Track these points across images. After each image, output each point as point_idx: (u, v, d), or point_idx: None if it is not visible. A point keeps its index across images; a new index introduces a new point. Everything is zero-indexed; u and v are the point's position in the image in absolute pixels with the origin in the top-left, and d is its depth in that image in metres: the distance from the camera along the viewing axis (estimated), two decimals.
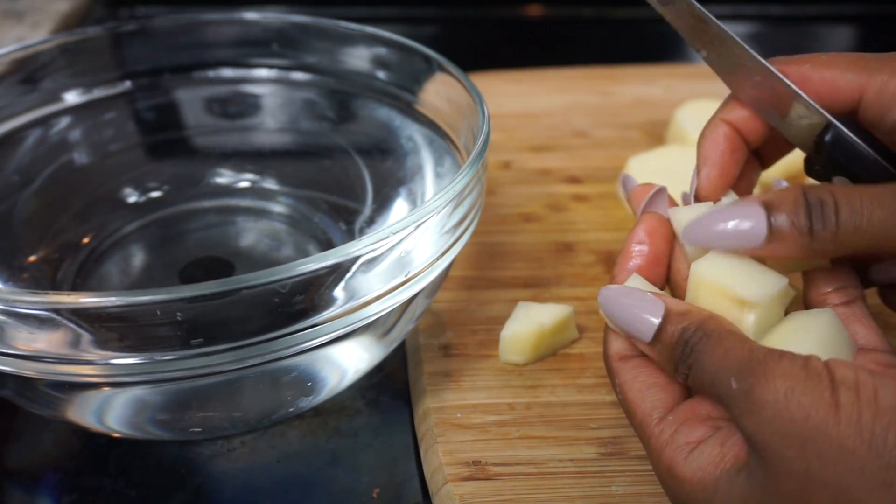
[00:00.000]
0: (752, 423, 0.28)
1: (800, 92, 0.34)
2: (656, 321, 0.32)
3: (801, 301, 0.35)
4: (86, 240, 0.49)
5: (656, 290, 0.34)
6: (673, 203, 0.37)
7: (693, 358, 0.31)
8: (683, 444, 0.31)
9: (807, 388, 0.27)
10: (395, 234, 0.34)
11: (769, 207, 0.31)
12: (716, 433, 0.30)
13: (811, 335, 0.32)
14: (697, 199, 0.36)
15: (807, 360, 0.28)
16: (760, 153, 0.39)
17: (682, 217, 0.35)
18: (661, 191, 0.36)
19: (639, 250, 0.35)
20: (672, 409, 0.32)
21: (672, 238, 0.36)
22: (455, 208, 0.37)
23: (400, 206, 0.49)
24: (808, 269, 0.35)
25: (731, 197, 0.36)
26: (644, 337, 0.32)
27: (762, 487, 0.28)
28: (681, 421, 0.31)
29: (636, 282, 0.35)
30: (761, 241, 0.31)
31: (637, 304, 0.33)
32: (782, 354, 0.29)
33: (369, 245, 0.34)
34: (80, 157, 0.52)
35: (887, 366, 0.32)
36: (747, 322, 0.32)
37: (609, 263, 0.51)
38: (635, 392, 0.33)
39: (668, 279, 0.36)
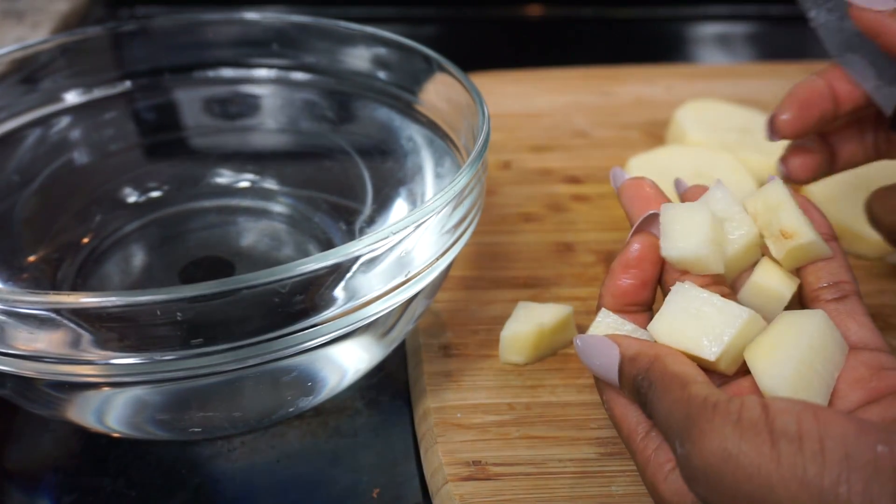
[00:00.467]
0: (699, 488, 0.28)
1: None
2: (617, 360, 0.32)
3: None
4: (86, 240, 0.49)
5: (623, 326, 0.34)
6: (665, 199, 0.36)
7: (648, 409, 0.31)
8: (664, 461, 0.31)
9: (744, 447, 0.26)
10: (395, 234, 0.34)
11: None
12: None
13: (802, 339, 0.31)
14: (770, 129, 0.37)
15: (741, 410, 0.27)
16: (836, 151, 0.39)
17: (672, 216, 0.34)
18: (655, 216, 0.35)
19: (627, 275, 0.35)
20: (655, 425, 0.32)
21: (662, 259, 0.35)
22: (455, 208, 0.37)
23: (400, 207, 0.49)
24: (808, 262, 0.35)
25: (721, 188, 0.36)
26: (611, 377, 0.33)
27: None
28: (663, 437, 0.31)
29: (607, 318, 0.34)
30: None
31: (601, 353, 0.33)
32: (715, 407, 0.28)
33: (369, 245, 0.34)
34: (80, 156, 0.52)
35: (879, 367, 0.31)
36: (720, 366, 0.32)
37: (609, 263, 0.51)
38: (621, 408, 0.33)
39: (662, 287, 0.36)
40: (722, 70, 0.75)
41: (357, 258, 0.34)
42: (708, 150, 0.58)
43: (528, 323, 0.44)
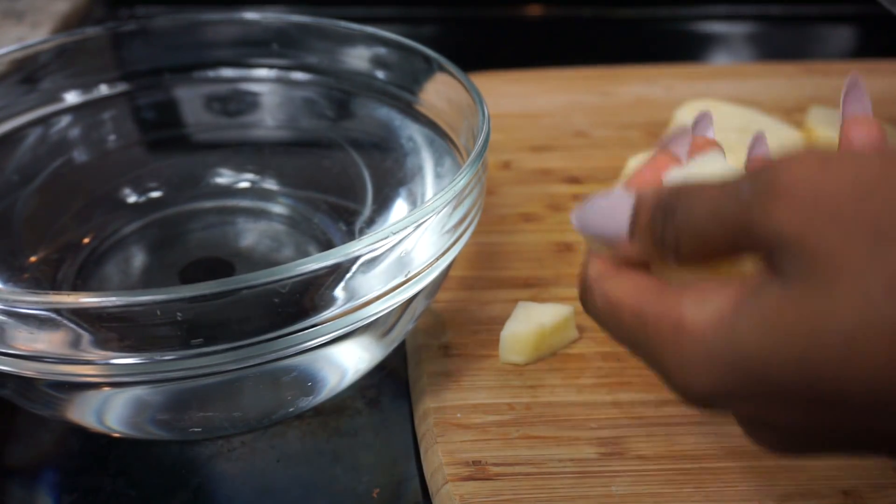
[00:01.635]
0: (781, 214, 0.23)
1: None
2: (629, 210, 0.28)
3: None
4: (86, 240, 0.49)
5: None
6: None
7: (679, 217, 0.26)
8: (692, 295, 0.26)
9: (842, 162, 0.23)
10: (394, 234, 0.34)
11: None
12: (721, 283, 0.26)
13: None
14: None
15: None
16: None
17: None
18: (707, 115, 0.33)
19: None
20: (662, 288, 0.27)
21: None
22: (455, 208, 0.37)
23: (400, 207, 0.49)
24: None
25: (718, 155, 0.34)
26: (621, 232, 0.29)
27: (804, 298, 0.22)
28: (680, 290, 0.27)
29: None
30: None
31: (608, 203, 0.29)
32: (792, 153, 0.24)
33: (369, 245, 0.34)
34: (80, 156, 0.52)
35: None
36: None
37: None
38: (621, 284, 0.29)
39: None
40: (722, 70, 0.75)
41: (357, 258, 0.34)
42: None
43: (528, 323, 0.44)
